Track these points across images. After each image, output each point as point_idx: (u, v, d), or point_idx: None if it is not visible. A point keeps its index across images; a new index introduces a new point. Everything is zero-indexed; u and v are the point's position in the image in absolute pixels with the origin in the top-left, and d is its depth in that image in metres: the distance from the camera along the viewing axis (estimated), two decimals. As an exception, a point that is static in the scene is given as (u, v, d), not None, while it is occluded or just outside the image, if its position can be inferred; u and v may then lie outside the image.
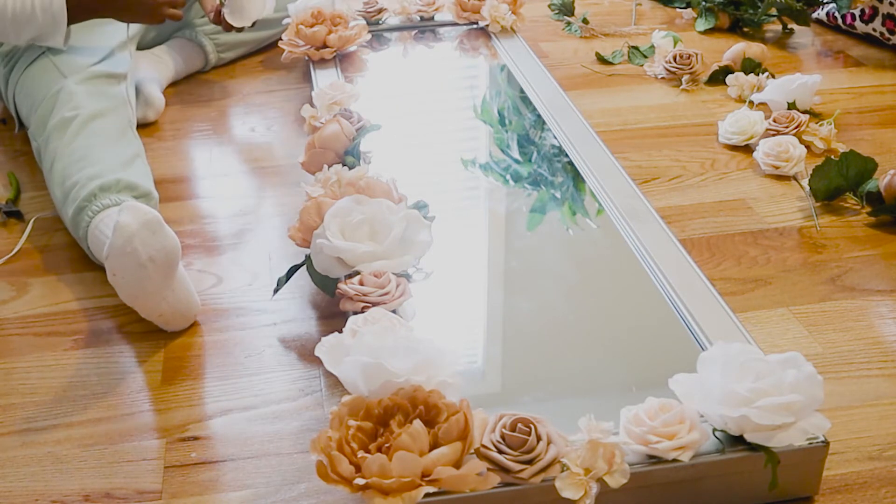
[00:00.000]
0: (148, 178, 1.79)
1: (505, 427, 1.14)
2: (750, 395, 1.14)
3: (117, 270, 1.44)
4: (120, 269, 1.44)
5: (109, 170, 1.73)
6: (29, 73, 2.04)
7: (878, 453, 1.29)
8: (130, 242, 1.41)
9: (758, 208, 1.84)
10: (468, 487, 1.10)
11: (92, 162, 1.75)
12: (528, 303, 1.55)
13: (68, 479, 1.29)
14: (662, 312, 1.48)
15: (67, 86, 1.95)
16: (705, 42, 2.66)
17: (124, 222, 1.41)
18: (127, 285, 1.46)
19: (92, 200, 1.67)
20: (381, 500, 1.07)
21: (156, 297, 1.50)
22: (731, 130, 2.09)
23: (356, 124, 1.89)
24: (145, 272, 1.44)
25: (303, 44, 2.37)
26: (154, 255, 1.44)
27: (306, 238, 1.58)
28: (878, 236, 1.75)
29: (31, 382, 1.47)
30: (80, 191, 1.69)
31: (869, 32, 2.60)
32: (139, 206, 1.44)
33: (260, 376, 1.47)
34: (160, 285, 1.49)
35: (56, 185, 1.77)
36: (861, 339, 1.51)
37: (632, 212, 1.69)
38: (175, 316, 1.55)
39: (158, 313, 1.53)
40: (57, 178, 1.78)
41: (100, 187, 1.68)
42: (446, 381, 1.21)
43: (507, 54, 2.42)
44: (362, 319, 1.36)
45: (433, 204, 1.67)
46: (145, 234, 1.42)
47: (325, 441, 1.13)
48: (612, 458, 1.12)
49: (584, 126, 2.02)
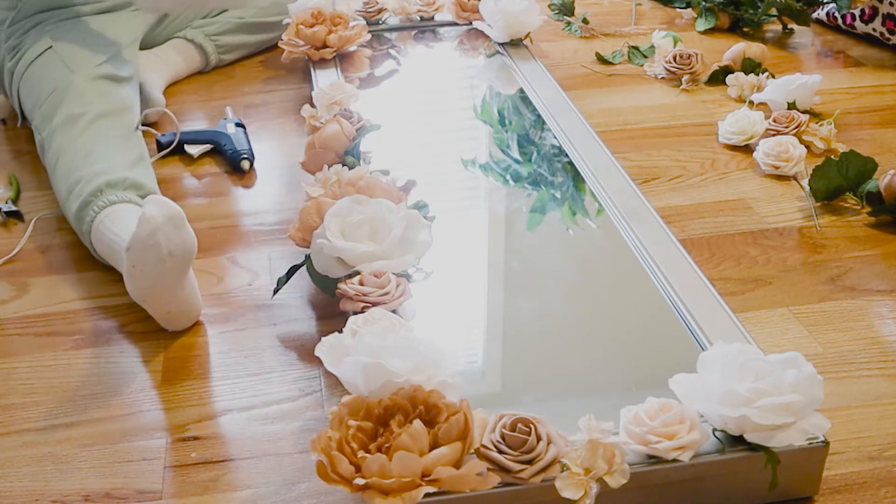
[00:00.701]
0: (153, 180, 1.79)
1: (505, 427, 1.14)
2: (750, 395, 1.14)
3: (137, 262, 1.44)
4: (140, 262, 1.44)
5: (116, 168, 1.73)
6: (35, 66, 2.04)
7: (878, 453, 1.29)
8: (154, 235, 1.41)
9: (758, 208, 1.85)
10: (468, 487, 1.10)
11: (99, 159, 1.75)
12: (528, 303, 1.55)
13: (68, 479, 1.29)
14: (662, 312, 1.48)
15: (77, 82, 1.95)
16: (705, 42, 2.67)
17: (150, 215, 1.41)
18: (144, 278, 1.46)
19: (98, 196, 1.67)
20: (382, 500, 1.07)
21: (169, 294, 1.50)
22: (731, 130, 2.09)
23: (356, 124, 1.89)
24: (164, 266, 1.44)
25: (303, 44, 2.37)
26: (174, 251, 1.44)
27: (306, 238, 1.58)
28: (878, 236, 1.75)
29: (32, 382, 1.47)
30: (86, 186, 1.69)
31: (869, 32, 2.60)
32: (164, 199, 1.44)
33: (260, 376, 1.47)
34: (175, 281, 1.49)
35: (60, 180, 1.78)
36: (861, 339, 1.51)
37: (632, 212, 1.69)
38: (181, 315, 1.55)
39: (167, 310, 1.53)
40: (61, 172, 1.78)
41: (106, 183, 1.68)
42: (446, 381, 1.21)
43: (507, 54, 2.42)
44: (362, 319, 1.36)
45: (433, 204, 1.67)
46: (169, 229, 1.42)
47: (325, 441, 1.13)
48: (612, 458, 1.12)
49: (584, 126, 2.02)
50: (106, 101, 1.93)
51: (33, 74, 2.03)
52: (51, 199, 1.94)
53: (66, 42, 2.07)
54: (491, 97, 2.31)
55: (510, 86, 2.31)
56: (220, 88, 2.44)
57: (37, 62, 2.04)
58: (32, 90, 2.02)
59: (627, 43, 2.61)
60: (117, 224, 1.62)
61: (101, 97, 1.94)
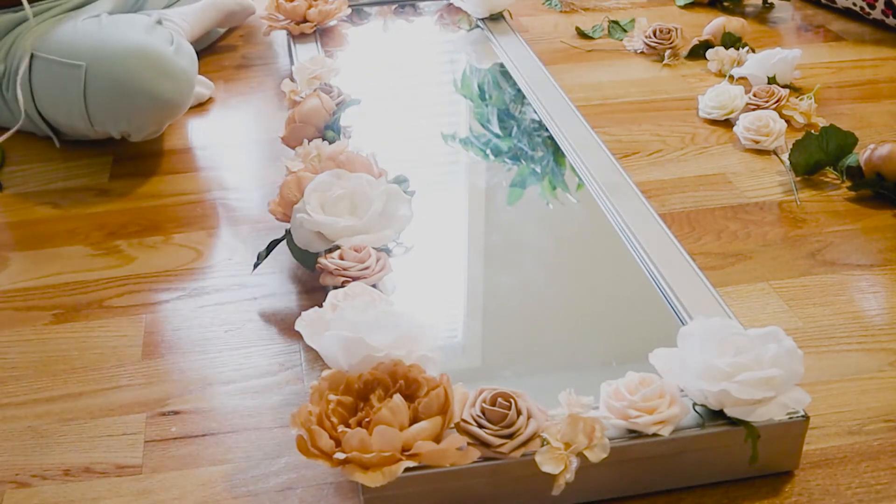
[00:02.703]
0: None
1: (485, 402, 1.14)
2: (730, 370, 1.14)
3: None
4: None
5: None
6: (35, 82, 1.94)
7: (858, 428, 1.30)
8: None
9: (738, 183, 1.85)
10: (448, 462, 1.10)
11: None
12: (508, 277, 1.55)
13: (48, 453, 1.29)
14: (642, 287, 1.48)
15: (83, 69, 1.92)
16: (685, 17, 2.66)
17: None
18: None
19: None
20: (362, 474, 1.07)
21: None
22: (711, 105, 2.09)
23: (336, 99, 1.89)
24: None
25: (283, 18, 2.36)
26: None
27: (286, 212, 1.58)
28: (858, 211, 1.76)
29: (11, 357, 1.47)
30: None
31: (849, 7, 2.60)
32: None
33: (240, 351, 1.47)
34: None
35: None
36: (841, 313, 1.51)
37: (612, 186, 1.69)
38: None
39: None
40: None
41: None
42: (426, 355, 1.21)
43: (487, 29, 2.42)
44: (342, 294, 1.36)
45: (413, 178, 1.67)
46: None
47: (306, 415, 1.13)
48: (592, 432, 1.12)
49: (564, 100, 2.02)
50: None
51: (45, 88, 1.93)
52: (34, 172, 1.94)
53: (44, 43, 1.98)
54: (471, 72, 2.31)
55: (490, 60, 2.30)
56: (199, 62, 2.43)
57: (35, 76, 1.93)
58: (56, 104, 1.94)
59: (608, 17, 2.61)
60: None
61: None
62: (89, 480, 1.25)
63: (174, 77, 1.87)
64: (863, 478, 1.22)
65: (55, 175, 1.95)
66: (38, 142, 2.05)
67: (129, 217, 1.80)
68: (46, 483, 1.25)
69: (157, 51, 1.85)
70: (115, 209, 1.83)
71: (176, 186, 1.89)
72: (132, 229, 1.77)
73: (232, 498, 1.22)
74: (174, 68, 1.86)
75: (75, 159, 2.00)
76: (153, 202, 1.85)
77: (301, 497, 1.21)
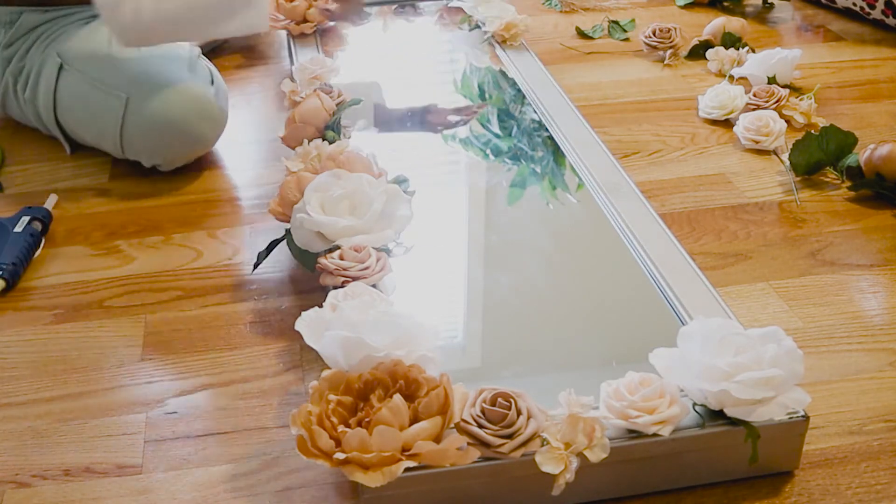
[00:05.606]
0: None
1: (485, 401, 1.14)
2: (730, 370, 1.14)
3: None
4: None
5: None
6: (65, 93, 1.92)
7: (858, 428, 1.30)
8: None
9: (738, 183, 1.85)
10: (448, 462, 1.10)
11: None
12: (508, 277, 1.55)
13: (48, 453, 1.29)
14: (642, 287, 1.48)
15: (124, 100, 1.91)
16: (685, 17, 2.66)
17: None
18: None
19: None
20: (362, 474, 1.07)
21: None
22: (711, 105, 2.09)
23: (336, 99, 1.89)
24: None
25: (283, 18, 2.36)
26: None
27: (286, 212, 1.58)
28: (858, 211, 1.76)
29: (11, 357, 1.47)
30: None
31: (849, 7, 2.60)
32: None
33: (240, 351, 1.47)
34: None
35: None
36: (841, 313, 1.51)
37: (612, 186, 1.69)
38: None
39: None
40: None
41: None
42: (426, 355, 1.21)
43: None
44: (342, 294, 1.36)
45: (413, 178, 1.67)
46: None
47: (305, 415, 1.13)
48: (592, 432, 1.12)
49: (564, 100, 2.02)
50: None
51: (75, 106, 1.92)
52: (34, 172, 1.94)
53: (79, 57, 1.92)
54: (471, 72, 2.31)
55: (490, 60, 2.30)
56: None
57: (63, 88, 1.91)
58: (85, 124, 1.93)
59: (607, 17, 2.61)
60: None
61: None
62: (89, 480, 1.25)
63: (214, 118, 1.90)
64: (863, 478, 1.22)
65: (55, 175, 1.95)
66: (38, 142, 2.05)
67: (129, 217, 1.80)
68: (46, 483, 1.25)
69: (201, 93, 1.87)
70: (115, 209, 1.83)
71: (176, 186, 1.89)
72: (132, 229, 1.77)
73: (232, 498, 1.22)
74: (214, 110, 1.89)
75: (75, 159, 2.00)
76: (153, 202, 1.85)
77: (301, 497, 1.21)
